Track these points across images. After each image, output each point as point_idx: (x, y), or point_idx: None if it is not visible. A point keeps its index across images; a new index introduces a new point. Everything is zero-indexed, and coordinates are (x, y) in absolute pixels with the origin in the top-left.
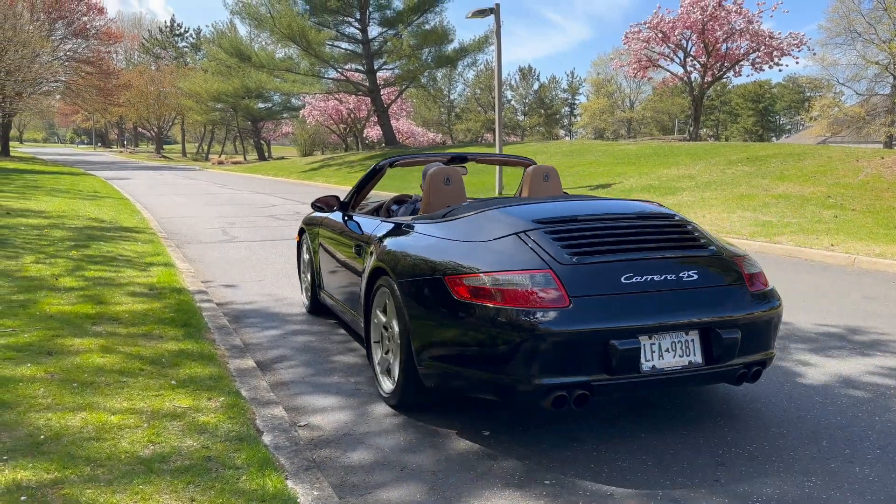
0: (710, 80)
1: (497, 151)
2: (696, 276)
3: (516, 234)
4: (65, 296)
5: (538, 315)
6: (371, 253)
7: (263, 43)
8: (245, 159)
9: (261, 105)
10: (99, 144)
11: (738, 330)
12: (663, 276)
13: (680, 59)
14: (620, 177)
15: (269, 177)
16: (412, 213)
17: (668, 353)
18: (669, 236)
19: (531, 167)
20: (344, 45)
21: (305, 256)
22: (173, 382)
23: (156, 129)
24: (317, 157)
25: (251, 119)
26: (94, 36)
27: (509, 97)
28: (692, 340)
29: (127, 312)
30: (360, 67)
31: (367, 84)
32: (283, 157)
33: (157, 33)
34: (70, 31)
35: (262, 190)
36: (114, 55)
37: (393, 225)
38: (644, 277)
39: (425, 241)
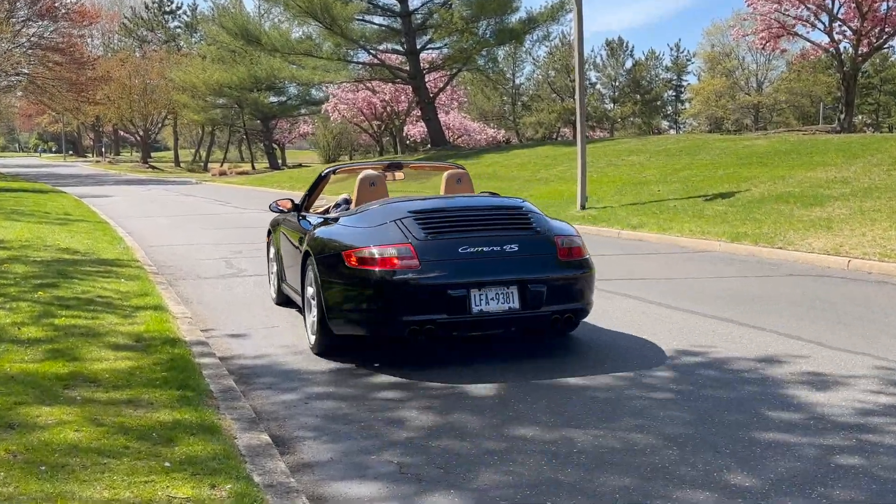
0: (865, 51)
1: (578, 143)
2: (516, 248)
3: (394, 220)
4: (29, 350)
5: (399, 274)
6: (305, 241)
7: (276, 20)
8: (253, 168)
9: (273, 99)
10: (70, 153)
11: (544, 285)
12: (491, 248)
13: (824, 24)
14: (747, 182)
15: (284, 190)
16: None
17: (493, 301)
18: (506, 221)
19: (447, 172)
20: (377, 19)
21: (272, 255)
22: (167, 464)
23: (141, 133)
24: (344, 163)
25: (261, 117)
26: (63, 16)
27: (593, 79)
28: (512, 292)
29: (108, 371)
30: (398, 48)
31: (408, 68)
32: (300, 165)
33: (143, 11)
34: (34, 12)
35: None
36: (88, 40)
37: (323, 219)
38: (476, 248)
39: (338, 229)
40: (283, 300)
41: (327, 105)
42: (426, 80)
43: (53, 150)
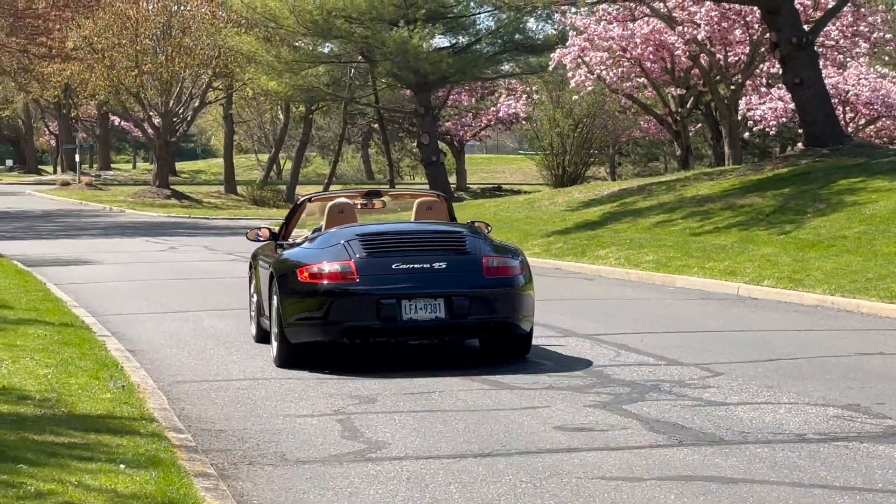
0: None
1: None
2: (445, 266)
3: (342, 242)
4: None
5: (340, 286)
6: (271, 264)
7: None
8: (393, 187)
9: (441, 41)
10: (10, 164)
11: (467, 298)
12: (421, 265)
13: None
14: None
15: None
16: None
17: (421, 311)
18: (440, 244)
19: (418, 199)
20: None
21: (251, 287)
22: None
23: (159, 122)
24: (596, 185)
25: (414, 83)
26: None
27: None
28: (439, 303)
29: None
30: None
31: None
32: (499, 189)
33: None
34: None
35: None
36: None
37: (290, 244)
38: (408, 265)
39: (298, 251)
40: (263, 336)
41: (563, 53)
42: None
43: None
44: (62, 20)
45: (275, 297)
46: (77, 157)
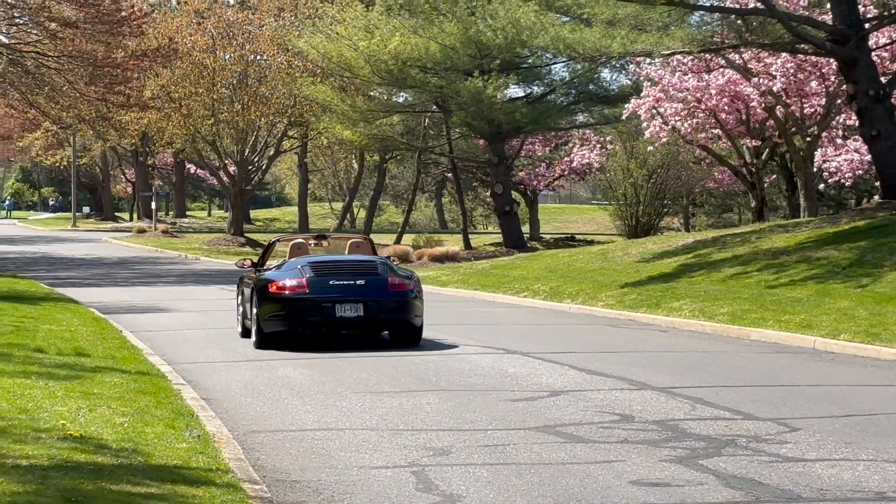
0: None
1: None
2: (363, 282)
3: (298, 267)
4: None
5: (298, 295)
6: (252, 282)
7: None
8: (468, 246)
9: (515, 92)
10: (87, 211)
11: (377, 303)
12: (349, 282)
13: None
14: None
15: (574, 306)
16: None
17: (349, 311)
18: (362, 269)
19: (350, 240)
20: None
21: (239, 299)
22: None
23: (234, 169)
24: (670, 237)
25: (488, 132)
26: None
27: None
28: (360, 306)
29: None
30: None
31: (831, 25)
32: (572, 238)
33: None
34: None
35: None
36: None
37: (265, 269)
38: (340, 281)
39: (270, 273)
40: (245, 333)
41: (638, 103)
42: (873, 46)
43: (51, 204)
44: (140, 69)
45: (255, 306)
46: (153, 205)
